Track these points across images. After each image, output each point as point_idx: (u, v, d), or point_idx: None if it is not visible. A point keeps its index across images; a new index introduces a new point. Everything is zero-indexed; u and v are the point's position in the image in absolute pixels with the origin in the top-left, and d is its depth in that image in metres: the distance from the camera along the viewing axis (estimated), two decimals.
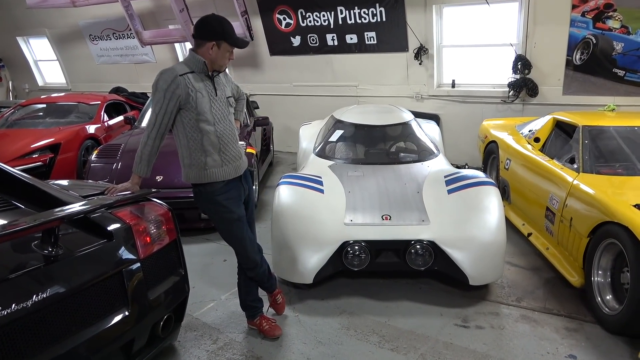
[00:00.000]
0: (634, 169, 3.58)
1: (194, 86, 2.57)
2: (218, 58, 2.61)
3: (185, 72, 2.57)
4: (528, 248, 4.22)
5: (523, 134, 4.87)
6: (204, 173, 2.67)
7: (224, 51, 2.60)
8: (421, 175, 4.00)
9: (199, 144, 2.64)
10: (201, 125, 2.61)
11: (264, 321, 3.10)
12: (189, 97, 2.56)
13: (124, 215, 2.36)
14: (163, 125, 2.59)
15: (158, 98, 2.55)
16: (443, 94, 6.83)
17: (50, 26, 10.21)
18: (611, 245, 3.06)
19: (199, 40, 2.60)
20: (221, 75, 2.77)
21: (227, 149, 2.71)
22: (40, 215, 1.95)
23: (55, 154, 6.06)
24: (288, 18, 7.43)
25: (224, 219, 2.78)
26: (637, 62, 5.37)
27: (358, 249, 3.36)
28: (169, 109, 2.56)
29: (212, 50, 2.57)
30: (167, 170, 4.93)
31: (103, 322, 2.11)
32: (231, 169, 2.74)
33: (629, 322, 2.82)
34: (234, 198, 2.79)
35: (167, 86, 2.52)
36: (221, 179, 2.70)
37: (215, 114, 2.65)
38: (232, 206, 2.77)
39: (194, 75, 2.59)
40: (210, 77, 2.66)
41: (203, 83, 2.62)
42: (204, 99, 2.60)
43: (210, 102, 2.63)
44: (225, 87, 2.79)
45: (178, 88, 2.53)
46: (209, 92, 2.64)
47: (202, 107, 2.59)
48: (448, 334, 3.07)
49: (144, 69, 9.61)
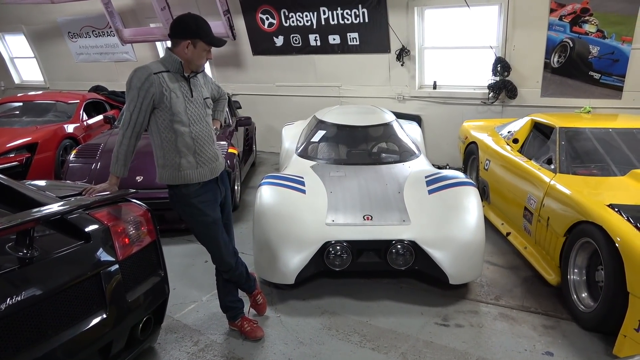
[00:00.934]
0: (609, 170, 3.67)
1: (168, 86, 2.52)
2: (194, 57, 2.56)
3: (160, 70, 2.52)
4: (507, 247, 4.29)
5: (502, 135, 4.95)
6: (178, 174, 2.63)
7: (200, 50, 2.55)
8: (402, 175, 4.04)
9: (173, 144, 2.60)
10: (175, 126, 2.57)
11: (245, 322, 3.09)
12: (163, 97, 2.51)
13: (102, 217, 2.32)
14: (138, 124, 2.54)
15: (132, 96, 2.49)
16: (424, 95, 6.90)
17: (27, 22, 9.99)
18: (586, 244, 3.13)
19: (174, 39, 2.55)
20: (199, 76, 2.73)
21: (203, 151, 2.66)
22: (14, 217, 1.91)
23: (32, 154, 5.94)
24: (271, 18, 7.41)
25: (199, 222, 2.74)
26: (611, 65, 5.51)
27: (340, 249, 3.38)
28: (143, 108, 2.50)
29: (187, 49, 2.53)
30: (147, 170, 4.87)
31: (80, 325, 2.08)
32: (207, 170, 2.70)
33: (603, 319, 2.89)
34: (210, 201, 2.75)
35: (141, 84, 2.47)
36: (196, 180, 2.66)
37: (191, 116, 2.61)
38: (207, 209, 2.72)
39: (169, 75, 2.55)
40: (186, 78, 2.61)
41: (178, 83, 2.57)
42: (178, 99, 2.55)
43: (186, 103, 2.58)
44: (203, 88, 2.74)
45: (152, 86, 2.48)
46: (184, 93, 2.59)
47: (177, 107, 2.54)
48: (428, 332, 3.11)
49: (124, 67, 9.47)
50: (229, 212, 3.00)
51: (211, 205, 2.75)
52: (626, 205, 2.99)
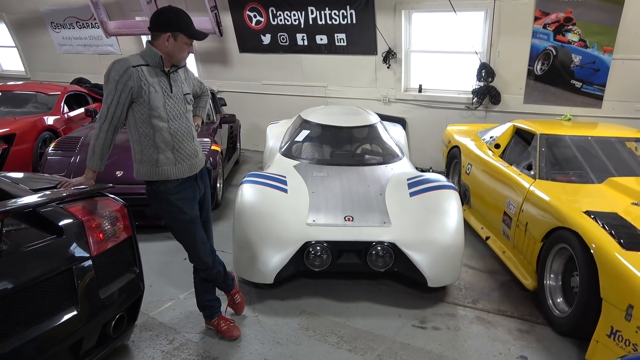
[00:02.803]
0: (587, 177, 3.73)
1: (147, 80, 2.47)
2: (175, 51, 2.51)
3: (139, 64, 2.47)
4: (486, 251, 4.33)
5: (484, 140, 5.00)
6: (156, 170, 2.58)
7: (180, 44, 2.50)
8: (385, 177, 4.04)
9: (151, 140, 2.55)
10: (153, 121, 2.52)
11: (222, 321, 3.06)
12: (141, 91, 2.46)
13: (76, 211, 2.28)
14: (115, 117, 2.49)
15: (110, 89, 2.43)
16: (410, 98, 6.93)
17: (8, 10, 9.77)
18: (563, 250, 3.18)
19: (154, 32, 2.50)
20: (180, 71, 2.68)
21: (182, 147, 2.62)
22: None
23: (9, 145, 5.79)
24: (259, 15, 7.37)
25: (177, 220, 2.70)
26: (593, 74, 5.61)
27: (320, 249, 3.36)
28: (121, 101, 2.45)
29: (167, 42, 2.48)
30: (128, 165, 4.75)
31: (50, 321, 2.04)
32: (185, 167, 2.65)
33: (577, 324, 2.93)
34: (188, 198, 2.70)
35: (119, 77, 2.41)
36: (174, 177, 2.61)
37: (170, 111, 2.56)
38: (185, 207, 2.68)
39: (148, 69, 2.49)
40: (166, 73, 2.56)
41: (158, 78, 2.52)
42: (157, 94, 2.50)
43: (165, 98, 2.54)
44: (183, 84, 2.69)
45: (130, 79, 2.42)
46: (164, 88, 2.54)
47: (155, 102, 2.49)
48: (405, 334, 3.11)
49: (108, 60, 9.24)
50: (208, 209, 2.96)
51: (189, 203, 2.71)
52: (602, 213, 3.04)
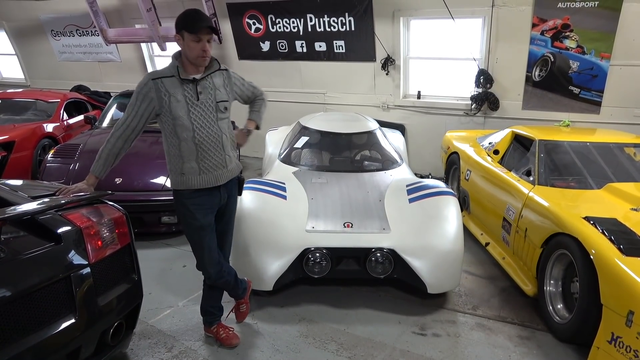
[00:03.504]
0: (586, 183, 3.73)
1: (167, 90, 2.51)
2: (187, 50, 2.51)
3: (160, 76, 2.54)
4: (485, 257, 4.32)
5: (483, 146, 5.00)
6: (180, 179, 2.63)
7: (188, 42, 2.48)
8: (384, 183, 4.04)
9: (176, 149, 2.60)
10: (178, 131, 2.55)
11: (221, 329, 3.05)
12: (162, 102, 2.51)
13: (75, 218, 2.27)
14: (130, 127, 2.56)
15: (132, 100, 2.55)
16: (409, 104, 6.95)
17: (8, 19, 9.81)
18: (562, 256, 3.17)
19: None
20: (216, 77, 2.66)
21: (207, 157, 2.62)
22: None
23: (8, 152, 5.80)
24: (258, 23, 7.41)
25: (188, 225, 2.73)
26: (591, 80, 5.63)
27: (319, 256, 3.35)
28: (139, 112, 2.53)
29: (180, 43, 2.53)
30: (127, 172, 4.81)
31: (48, 329, 2.03)
32: (210, 177, 2.65)
33: (577, 331, 2.92)
34: (204, 205, 2.69)
35: (140, 89, 2.52)
36: (197, 187, 2.63)
37: (195, 120, 2.56)
38: (198, 213, 2.67)
39: (169, 80, 2.54)
40: (192, 81, 2.56)
41: (181, 88, 2.54)
42: (178, 103, 2.52)
43: (188, 107, 2.54)
44: (219, 90, 2.65)
45: (150, 91, 2.50)
46: (187, 96, 2.54)
47: (177, 111, 2.52)
48: (405, 341, 3.10)
49: (108, 67, 9.36)
50: (229, 220, 2.94)
51: (203, 210, 2.69)
52: (601, 218, 3.04)
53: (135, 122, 2.55)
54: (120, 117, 2.60)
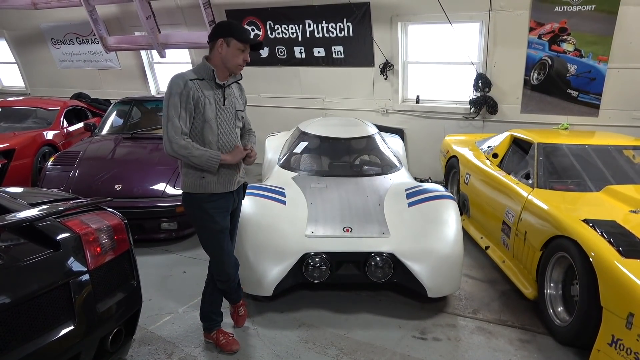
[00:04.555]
0: (585, 186, 3.73)
1: (203, 92, 2.58)
2: (229, 56, 2.58)
3: (194, 78, 2.58)
4: (486, 261, 4.31)
5: (482, 150, 5.01)
6: (200, 182, 2.65)
7: (234, 49, 2.57)
8: (383, 188, 4.05)
9: None
10: (205, 133, 2.61)
11: (220, 335, 3.04)
12: (199, 102, 2.56)
13: (74, 225, 2.27)
14: (184, 132, 2.55)
15: (174, 102, 2.52)
16: (408, 109, 6.97)
17: (9, 27, 9.87)
18: (562, 259, 3.17)
19: (211, 42, 2.62)
20: (235, 87, 2.76)
21: (229, 164, 2.68)
22: None
23: (8, 160, 5.81)
24: (256, 29, 7.44)
25: (207, 228, 2.74)
26: (589, 83, 5.64)
27: (319, 261, 3.35)
28: (188, 109, 2.54)
29: (221, 48, 2.57)
30: (127, 179, 4.82)
31: (47, 336, 2.02)
32: (227, 182, 2.72)
33: (578, 334, 2.91)
34: (222, 208, 2.74)
35: (182, 89, 2.52)
36: (216, 190, 2.68)
37: (220, 124, 2.65)
38: (218, 217, 2.72)
39: (203, 82, 2.60)
40: (221, 86, 2.65)
41: (212, 91, 2.62)
42: (211, 106, 2.60)
43: (217, 110, 2.62)
44: (237, 100, 2.78)
45: (192, 90, 2.54)
46: (217, 100, 2.63)
47: (208, 114, 2.59)
48: (406, 346, 3.09)
49: (107, 75, 9.39)
50: (236, 222, 3.01)
51: (222, 214, 2.75)
52: (600, 221, 3.04)
53: (188, 120, 2.55)
54: (167, 125, 2.52)
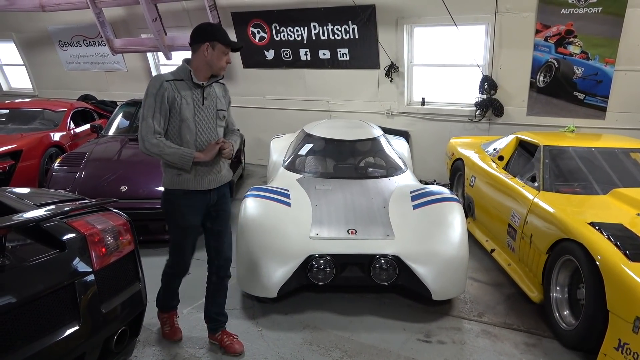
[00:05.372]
0: (591, 188, 3.71)
1: (179, 92, 2.65)
2: (214, 59, 2.67)
3: (171, 79, 2.66)
4: (491, 264, 4.29)
5: (488, 152, 4.99)
6: (176, 179, 2.72)
7: (219, 52, 2.66)
8: (388, 190, 4.04)
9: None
10: (182, 133, 2.67)
11: (225, 336, 3.05)
12: (174, 102, 2.63)
13: (79, 225, 2.28)
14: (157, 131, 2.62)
15: (149, 103, 2.60)
16: (413, 111, 6.96)
17: (17, 30, 9.95)
18: (568, 262, 3.14)
19: (194, 45, 2.69)
20: (216, 87, 2.82)
21: (205, 161, 2.71)
22: None
23: (16, 161, 5.85)
24: (262, 32, 7.46)
25: (175, 224, 2.84)
26: (595, 86, 5.61)
27: (323, 263, 3.35)
28: (163, 110, 2.61)
29: (207, 51, 2.65)
30: (133, 180, 4.84)
31: (52, 336, 2.02)
32: (205, 181, 2.76)
33: (584, 338, 2.89)
34: (193, 206, 2.79)
35: (157, 90, 2.60)
36: (192, 188, 2.74)
37: (199, 123, 2.70)
38: (189, 215, 2.79)
39: (180, 83, 2.67)
40: (200, 86, 2.70)
41: (190, 91, 2.68)
42: (188, 106, 2.66)
43: (195, 110, 2.68)
44: (219, 100, 2.82)
45: (166, 91, 2.61)
46: (195, 100, 2.69)
47: (185, 114, 2.65)
48: (410, 349, 3.08)
49: (114, 77, 9.45)
50: (224, 220, 2.97)
51: (193, 212, 2.80)
52: (607, 224, 3.02)
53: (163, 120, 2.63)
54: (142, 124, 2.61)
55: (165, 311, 3.16)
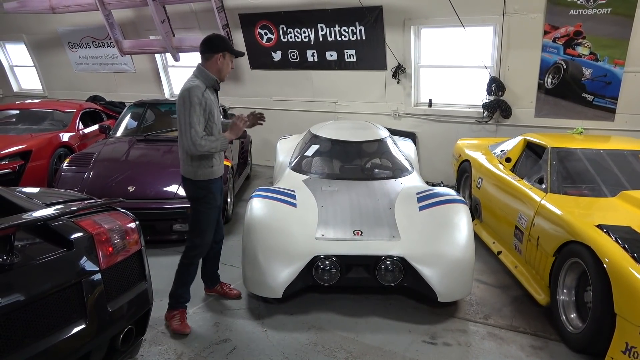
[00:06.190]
0: (599, 191, 3.68)
1: (211, 98, 3.12)
2: (224, 67, 3.19)
3: (204, 87, 3.08)
4: (498, 266, 4.27)
5: (495, 154, 4.97)
6: (211, 171, 3.21)
7: (228, 61, 3.19)
8: (394, 191, 4.03)
9: None
10: (212, 129, 3.14)
11: (223, 286, 3.68)
12: (211, 107, 3.09)
13: (87, 225, 2.30)
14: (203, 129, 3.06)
15: (196, 112, 2.98)
16: (420, 112, 6.94)
17: (28, 32, 10.06)
18: (575, 264, 3.12)
19: (208, 54, 3.14)
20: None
21: (220, 153, 3.27)
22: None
23: (25, 161, 5.92)
24: (269, 33, 7.49)
25: (210, 206, 3.25)
26: (604, 87, 5.57)
27: (328, 263, 3.35)
28: (204, 116, 3.05)
29: (219, 61, 3.14)
30: (140, 180, 4.87)
31: (59, 334, 2.04)
32: (221, 168, 3.34)
33: (591, 341, 2.86)
34: (220, 189, 3.36)
35: (200, 100, 3.00)
36: (218, 175, 3.29)
37: (218, 119, 3.20)
38: (218, 195, 3.33)
39: (210, 90, 3.13)
40: (217, 89, 3.22)
41: (214, 96, 3.19)
42: (216, 109, 3.17)
43: (217, 111, 3.18)
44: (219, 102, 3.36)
45: (207, 99, 3.06)
46: (215, 101, 3.19)
47: (216, 117, 3.16)
48: (415, 350, 3.07)
49: (122, 78, 9.52)
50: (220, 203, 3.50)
51: (220, 193, 3.39)
52: (615, 226, 2.99)
53: (202, 127, 3.04)
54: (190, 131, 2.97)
55: (177, 308, 3.29)
